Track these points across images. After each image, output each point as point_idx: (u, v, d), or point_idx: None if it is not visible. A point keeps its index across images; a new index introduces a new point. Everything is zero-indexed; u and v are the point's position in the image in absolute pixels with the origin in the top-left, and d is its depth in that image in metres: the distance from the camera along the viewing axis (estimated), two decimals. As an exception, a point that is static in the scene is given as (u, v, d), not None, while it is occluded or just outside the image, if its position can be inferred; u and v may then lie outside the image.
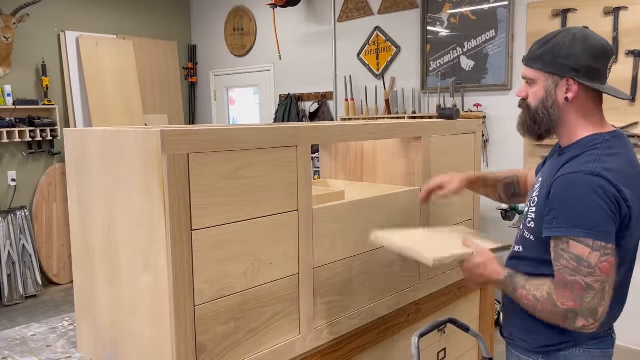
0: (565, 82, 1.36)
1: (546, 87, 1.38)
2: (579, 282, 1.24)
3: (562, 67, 1.35)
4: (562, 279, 1.28)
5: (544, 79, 1.39)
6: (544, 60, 1.38)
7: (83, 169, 1.57)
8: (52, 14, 5.20)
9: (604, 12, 3.49)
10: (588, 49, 1.34)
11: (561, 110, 1.38)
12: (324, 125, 1.66)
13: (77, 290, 1.69)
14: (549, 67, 1.37)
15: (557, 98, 1.37)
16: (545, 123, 1.40)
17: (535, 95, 1.41)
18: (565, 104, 1.37)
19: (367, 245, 1.82)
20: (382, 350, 1.99)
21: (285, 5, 5.00)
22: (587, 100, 1.37)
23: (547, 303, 1.29)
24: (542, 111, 1.40)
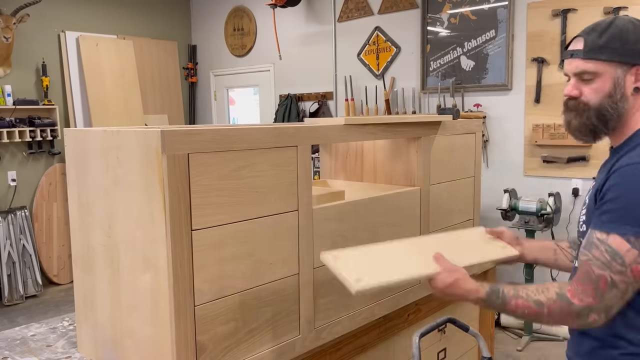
0: (635, 71, 1.23)
1: (615, 78, 1.23)
2: (606, 277, 1.13)
3: (634, 54, 1.22)
4: (588, 271, 1.16)
5: (611, 71, 1.23)
6: (612, 49, 1.22)
7: (83, 169, 1.57)
8: (52, 14, 5.21)
9: (604, 12, 3.49)
10: None
11: (629, 104, 1.24)
12: (324, 125, 1.66)
13: (77, 290, 1.69)
14: (619, 55, 1.22)
15: (626, 89, 1.24)
16: (615, 119, 1.25)
17: (597, 90, 1.25)
18: (632, 96, 1.24)
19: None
20: (382, 350, 1.99)
21: (285, 5, 5.01)
22: None
23: (558, 304, 1.18)
24: (610, 106, 1.24)
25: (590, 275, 1.15)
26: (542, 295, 1.20)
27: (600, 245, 1.15)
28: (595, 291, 1.14)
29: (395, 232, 1.93)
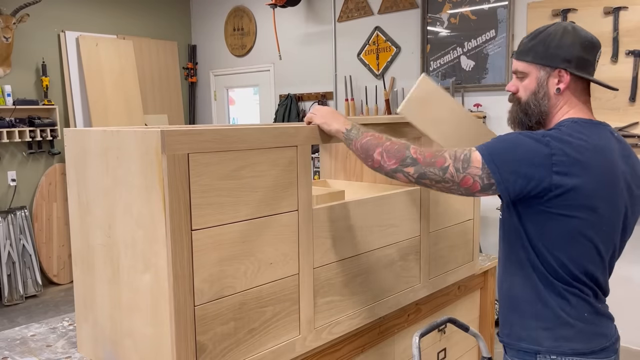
0: (557, 73, 1.38)
1: (538, 78, 1.40)
2: (445, 162, 1.32)
3: (554, 58, 1.38)
4: (441, 150, 1.35)
5: (535, 72, 1.41)
6: (536, 52, 1.40)
7: (83, 169, 1.56)
8: (52, 14, 5.21)
9: (604, 12, 3.49)
10: (578, 41, 1.37)
11: (551, 102, 1.41)
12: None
13: (77, 290, 1.69)
14: (541, 58, 1.39)
15: (548, 89, 1.40)
16: (536, 114, 1.42)
17: (526, 88, 1.43)
18: (555, 95, 1.40)
19: (367, 245, 1.82)
20: (382, 350, 1.99)
21: (285, 5, 5.01)
22: (576, 92, 1.41)
23: (400, 145, 1.38)
24: (533, 102, 1.42)
25: (440, 152, 1.35)
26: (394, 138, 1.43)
27: (466, 151, 1.33)
28: (430, 159, 1.34)
29: (395, 232, 1.93)
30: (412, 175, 1.36)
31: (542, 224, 1.32)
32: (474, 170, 1.30)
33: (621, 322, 1.66)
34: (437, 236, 2.14)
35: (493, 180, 1.29)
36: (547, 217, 1.31)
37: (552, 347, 1.36)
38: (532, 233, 1.35)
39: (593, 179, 1.28)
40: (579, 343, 1.36)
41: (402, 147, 1.38)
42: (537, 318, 1.38)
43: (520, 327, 1.42)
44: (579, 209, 1.29)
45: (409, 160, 1.36)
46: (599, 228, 1.33)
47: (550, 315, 1.37)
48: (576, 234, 1.31)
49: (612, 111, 3.48)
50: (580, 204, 1.28)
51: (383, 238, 1.88)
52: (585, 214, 1.30)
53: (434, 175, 1.34)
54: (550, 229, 1.32)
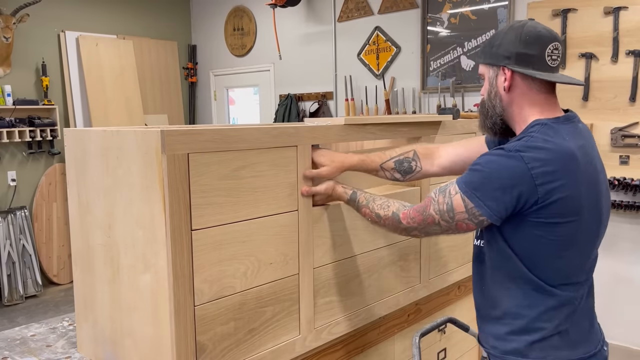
0: (502, 71, 1.35)
1: (489, 78, 1.39)
2: (435, 219, 1.35)
3: (496, 56, 1.36)
4: (426, 206, 1.37)
5: (487, 71, 1.40)
6: (484, 52, 1.40)
7: (83, 169, 1.56)
8: (52, 14, 5.20)
9: (604, 12, 3.49)
10: (519, 36, 1.32)
11: (505, 102, 1.37)
12: (324, 125, 1.66)
13: (77, 290, 1.69)
14: (487, 58, 1.39)
15: (498, 88, 1.37)
16: (491, 115, 1.40)
17: (484, 89, 1.42)
18: (507, 95, 1.36)
19: (367, 245, 1.82)
20: (382, 350, 1.99)
21: (285, 5, 5.00)
22: (530, 89, 1.34)
23: (391, 219, 1.44)
24: (487, 103, 1.41)
25: (426, 210, 1.36)
26: (382, 211, 1.47)
27: (447, 196, 1.33)
28: (422, 222, 1.37)
29: (395, 232, 1.93)
30: (420, 235, 1.43)
31: (531, 235, 1.29)
32: (461, 216, 1.30)
33: (621, 322, 1.65)
34: (437, 236, 2.14)
35: (482, 217, 1.28)
36: (534, 228, 1.28)
37: (539, 357, 1.33)
38: (520, 244, 1.31)
39: (574, 183, 1.26)
40: (566, 351, 1.34)
41: (394, 221, 1.43)
42: (524, 330, 1.35)
43: (506, 340, 1.38)
44: (565, 215, 1.26)
45: (409, 229, 1.41)
46: (585, 228, 1.31)
47: (537, 326, 1.33)
48: (567, 240, 1.29)
49: (612, 111, 3.48)
50: (566, 210, 1.26)
51: (383, 238, 1.88)
52: (571, 217, 1.27)
53: (435, 231, 1.38)
54: (539, 237, 1.28)
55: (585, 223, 1.30)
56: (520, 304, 1.35)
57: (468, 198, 1.28)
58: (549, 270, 1.31)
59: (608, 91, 3.48)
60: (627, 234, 3.52)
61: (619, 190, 3.47)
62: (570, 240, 1.30)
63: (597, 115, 3.48)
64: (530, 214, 1.26)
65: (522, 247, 1.31)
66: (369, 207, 1.51)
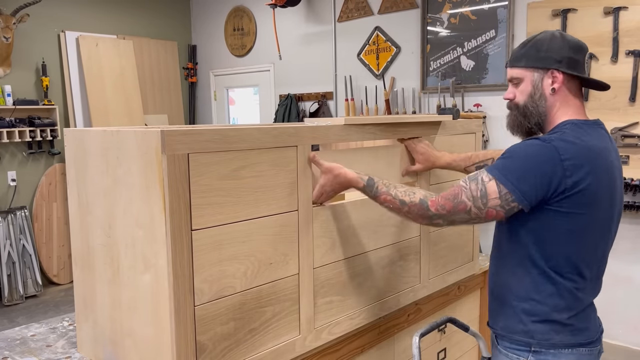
0: (550, 74, 1.46)
1: (533, 81, 1.48)
2: (467, 206, 1.37)
3: (545, 60, 1.46)
4: (457, 194, 1.39)
5: (530, 75, 1.49)
6: (528, 57, 1.49)
7: (83, 169, 1.56)
8: (52, 14, 5.21)
9: (604, 12, 3.49)
10: (567, 43, 1.46)
11: (549, 103, 1.48)
12: (324, 125, 1.66)
13: (77, 290, 1.69)
14: (533, 62, 1.48)
15: (543, 90, 1.47)
16: (535, 115, 1.49)
17: (522, 92, 1.50)
18: (551, 95, 1.47)
19: (367, 245, 1.82)
20: (382, 350, 1.99)
21: (285, 5, 5.01)
22: (570, 91, 1.48)
23: (418, 206, 1.42)
24: (530, 105, 1.49)
25: (457, 197, 1.38)
26: (407, 197, 1.45)
27: (479, 182, 1.37)
28: (452, 209, 1.39)
29: (395, 232, 1.93)
30: (442, 225, 1.45)
31: (549, 222, 1.38)
32: (494, 202, 1.36)
33: (621, 322, 1.68)
34: (437, 236, 2.14)
35: (514, 203, 1.35)
36: (554, 215, 1.37)
37: (544, 339, 1.44)
38: (536, 230, 1.40)
39: (597, 179, 1.36)
40: (568, 336, 1.44)
41: (421, 208, 1.42)
42: (531, 312, 1.45)
43: (514, 320, 1.49)
44: (585, 207, 1.36)
45: (435, 217, 1.42)
46: (601, 223, 1.43)
47: (544, 309, 1.43)
48: (581, 230, 1.39)
49: (612, 111, 3.48)
50: (587, 202, 1.36)
51: (383, 238, 1.88)
52: (590, 211, 1.37)
53: (462, 219, 1.41)
54: (556, 226, 1.38)
55: (601, 218, 1.42)
56: (527, 287, 1.45)
57: (502, 183, 1.35)
58: (560, 257, 1.40)
59: (608, 91, 3.48)
60: (627, 234, 3.52)
61: (619, 190, 3.47)
62: (584, 231, 1.39)
63: (597, 115, 3.47)
64: (553, 203, 1.35)
65: (538, 232, 1.40)
66: (391, 193, 1.48)
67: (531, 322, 1.45)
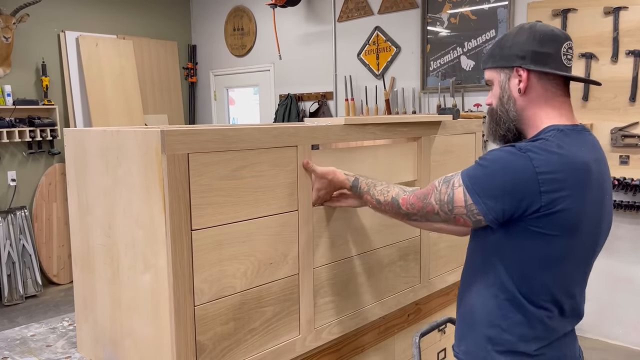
0: (515, 73, 1.29)
1: (500, 82, 1.33)
2: (434, 208, 1.29)
3: (508, 58, 1.30)
4: (427, 194, 1.32)
5: (497, 76, 1.33)
6: (493, 56, 1.34)
7: (83, 169, 1.56)
8: (52, 14, 5.21)
9: (604, 12, 3.49)
10: (532, 35, 1.27)
11: (519, 105, 1.30)
12: (324, 125, 1.66)
13: (77, 290, 1.69)
14: (497, 61, 1.33)
15: (511, 92, 1.31)
16: (505, 121, 1.33)
17: (494, 95, 1.36)
18: (521, 97, 1.30)
19: (367, 245, 1.82)
20: (382, 350, 1.99)
21: (285, 5, 5.01)
22: (546, 91, 1.29)
23: (390, 205, 1.40)
24: (500, 109, 1.34)
25: (427, 198, 1.31)
26: (382, 196, 1.43)
27: (449, 187, 1.27)
28: (421, 210, 1.33)
29: (395, 232, 1.93)
30: (421, 222, 1.43)
31: (523, 243, 1.23)
32: (459, 210, 1.24)
33: (621, 322, 1.66)
34: (437, 236, 2.14)
35: (479, 216, 1.22)
36: (528, 236, 1.21)
37: None
38: (508, 250, 1.26)
39: (582, 196, 1.20)
40: None
41: (393, 206, 1.39)
42: (495, 341, 1.29)
43: (476, 347, 1.33)
44: (564, 229, 1.20)
45: (409, 215, 1.37)
46: (581, 245, 1.26)
47: (509, 339, 1.28)
48: (560, 256, 1.23)
49: (612, 111, 3.48)
50: (566, 223, 1.20)
51: (383, 238, 1.88)
52: (569, 233, 1.21)
53: (435, 219, 1.32)
54: (531, 248, 1.22)
55: (582, 243, 1.25)
56: (493, 312, 1.30)
57: (469, 193, 1.22)
58: (532, 283, 1.25)
59: (608, 91, 3.48)
60: (627, 234, 3.52)
61: (619, 190, 3.47)
62: (562, 257, 1.24)
63: (597, 115, 3.49)
64: (529, 221, 1.19)
65: (511, 253, 1.25)
66: (370, 193, 1.47)
67: (495, 352, 1.29)
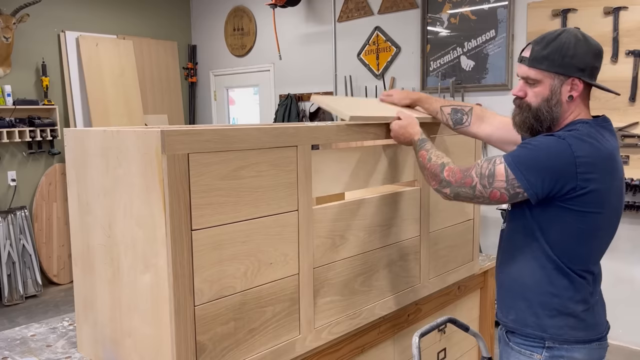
0: (570, 82, 1.42)
1: (552, 86, 1.44)
2: (473, 181, 1.44)
3: (569, 67, 1.41)
4: (469, 169, 1.46)
5: (549, 79, 1.44)
6: (551, 60, 1.42)
7: (83, 169, 1.57)
8: (52, 14, 5.21)
9: (604, 12, 3.49)
10: (591, 49, 1.42)
11: (564, 109, 1.46)
12: (324, 125, 1.66)
13: (77, 290, 1.69)
14: (556, 67, 1.42)
15: (561, 96, 1.44)
16: (548, 120, 1.47)
17: (537, 94, 1.46)
18: (567, 102, 1.45)
19: (367, 245, 1.82)
20: (382, 350, 1.99)
21: (285, 5, 5.01)
22: (584, 98, 1.47)
23: (436, 167, 1.52)
24: (545, 109, 1.46)
25: (468, 172, 1.45)
26: (436, 158, 1.55)
27: (491, 163, 1.42)
28: (460, 180, 1.46)
29: (395, 232, 1.93)
30: (449, 195, 1.49)
31: (560, 219, 1.40)
32: (499, 184, 1.39)
33: (621, 322, 1.69)
34: (437, 236, 2.14)
35: (520, 189, 1.38)
36: (565, 213, 1.39)
37: (556, 334, 1.45)
38: (548, 227, 1.42)
39: (606, 179, 1.38)
40: (581, 332, 1.45)
41: (438, 169, 1.52)
42: (545, 306, 1.46)
43: (527, 314, 1.49)
44: (595, 206, 1.38)
45: (444, 183, 1.49)
46: (608, 222, 1.44)
47: (558, 304, 1.44)
48: (592, 229, 1.41)
49: (612, 111, 3.48)
50: (599, 202, 1.38)
51: (383, 238, 1.88)
52: (599, 209, 1.39)
53: (466, 194, 1.45)
54: (568, 224, 1.40)
55: (609, 218, 1.43)
56: (542, 280, 1.46)
57: (511, 170, 1.37)
58: (572, 254, 1.42)
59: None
60: (627, 234, 3.52)
61: (619, 190, 3.47)
62: (594, 231, 1.42)
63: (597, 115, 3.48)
64: (565, 200, 1.37)
65: (551, 229, 1.42)
66: (431, 151, 1.59)
67: (546, 316, 1.46)
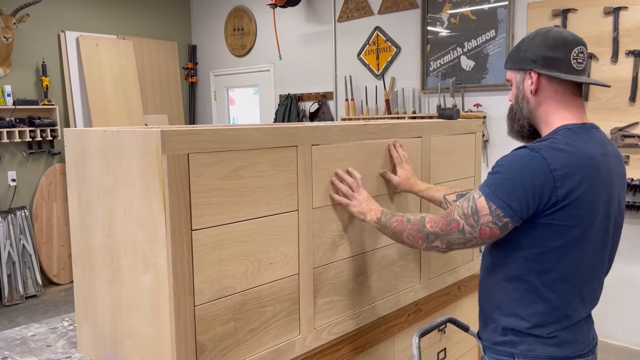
0: (528, 75, 1.42)
1: (517, 83, 1.45)
2: (459, 224, 1.36)
3: (523, 61, 1.42)
4: (450, 212, 1.39)
5: (514, 76, 1.46)
6: (511, 58, 1.47)
7: (83, 169, 1.57)
8: (52, 14, 5.21)
9: (604, 12, 3.49)
10: (545, 41, 1.39)
11: (532, 105, 1.43)
12: (324, 125, 1.66)
13: (77, 290, 1.69)
14: (514, 63, 1.45)
15: (525, 92, 1.44)
16: (519, 118, 1.46)
17: (512, 94, 1.49)
18: (534, 98, 1.42)
19: (367, 245, 1.82)
20: (382, 350, 1.99)
21: (285, 5, 5.01)
22: (557, 92, 1.40)
23: (417, 223, 1.44)
24: (515, 107, 1.47)
25: (450, 216, 1.38)
26: (413, 216, 1.49)
27: (470, 200, 1.35)
28: (445, 228, 1.38)
29: (395, 232, 1.92)
30: (442, 248, 1.41)
31: (542, 236, 1.32)
32: (485, 219, 1.32)
33: (621, 322, 1.67)
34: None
35: (505, 219, 1.30)
36: (547, 229, 1.31)
37: (527, 350, 1.39)
38: (529, 245, 1.35)
39: (591, 188, 1.30)
40: (553, 348, 1.38)
41: (419, 224, 1.44)
42: (514, 328, 1.40)
43: (496, 334, 1.45)
44: (579, 219, 1.31)
45: (431, 236, 1.40)
46: (594, 234, 1.35)
47: (526, 325, 1.39)
48: (575, 243, 1.33)
49: (612, 111, 3.48)
50: (581, 214, 1.30)
51: (383, 238, 1.88)
52: (584, 223, 1.32)
53: (458, 240, 1.37)
54: (550, 240, 1.32)
55: (594, 232, 1.35)
56: (513, 303, 1.40)
57: (491, 200, 1.31)
58: (552, 274, 1.35)
59: (608, 91, 3.48)
60: (627, 234, 3.52)
61: (619, 190, 3.47)
62: (578, 245, 1.33)
63: (597, 115, 3.49)
64: (546, 215, 1.30)
65: (529, 248, 1.35)
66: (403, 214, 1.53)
67: (515, 332, 1.40)
